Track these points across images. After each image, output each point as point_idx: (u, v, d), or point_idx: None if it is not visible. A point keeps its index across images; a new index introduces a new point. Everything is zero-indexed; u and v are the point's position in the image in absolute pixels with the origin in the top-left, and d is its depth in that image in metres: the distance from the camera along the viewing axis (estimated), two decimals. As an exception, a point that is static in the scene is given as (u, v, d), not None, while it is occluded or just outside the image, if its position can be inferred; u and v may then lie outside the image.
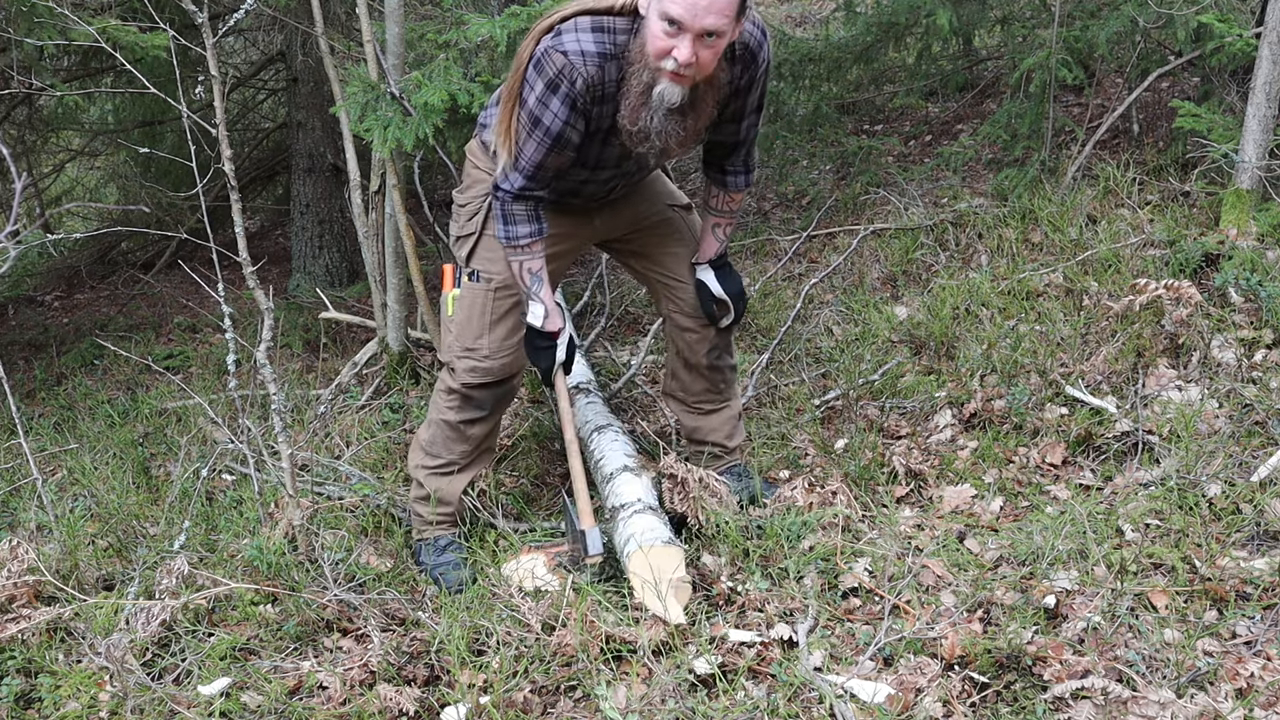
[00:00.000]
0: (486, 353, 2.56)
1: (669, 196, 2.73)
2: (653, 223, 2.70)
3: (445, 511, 2.69)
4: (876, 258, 4.24)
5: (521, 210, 2.39)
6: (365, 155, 3.77)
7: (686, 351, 2.76)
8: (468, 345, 2.57)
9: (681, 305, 2.71)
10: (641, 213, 2.69)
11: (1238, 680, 1.88)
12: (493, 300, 2.56)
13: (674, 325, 2.76)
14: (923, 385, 3.18)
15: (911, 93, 5.59)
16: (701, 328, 2.71)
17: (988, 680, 1.97)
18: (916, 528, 2.51)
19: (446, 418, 2.64)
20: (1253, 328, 2.96)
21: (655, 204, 2.70)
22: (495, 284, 2.56)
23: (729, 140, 2.48)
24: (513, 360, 2.59)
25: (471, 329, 2.57)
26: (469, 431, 2.65)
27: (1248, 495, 2.38)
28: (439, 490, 2.67)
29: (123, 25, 3.80)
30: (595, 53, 2.19)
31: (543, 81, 2.21)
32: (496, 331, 2.57)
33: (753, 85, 2.36)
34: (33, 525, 2.95)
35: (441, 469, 2.68)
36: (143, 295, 6.29)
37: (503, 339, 2.57)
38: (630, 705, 1.99)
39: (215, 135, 2.45)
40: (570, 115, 2.24)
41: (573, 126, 2.26)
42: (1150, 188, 3.92)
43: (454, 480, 2.68)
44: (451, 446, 2.66)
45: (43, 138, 6.42)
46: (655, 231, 2.70)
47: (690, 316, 2.71)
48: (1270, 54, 3.32)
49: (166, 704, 2.10)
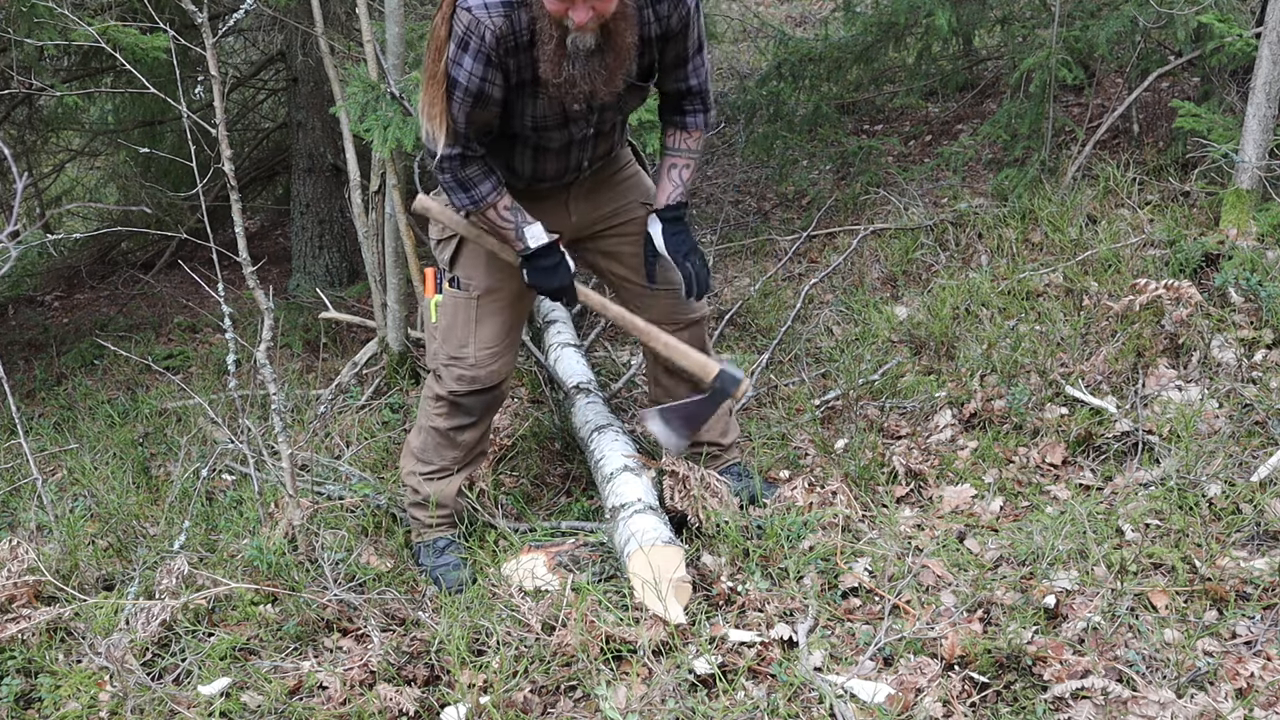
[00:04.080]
0: (473, 361, 2.53)
1: (644, 194, 2.64)
2: (625, 219, 2.62)
3: (442, 514, 2.67)
4: (876, 258, 4.24)
5: (475, 170, 2.33)
6: (365, 155, 3.77)
7: (665, 359, 2.65)
8: (453, 354, 2.54)
9: (653, 314, 2.60)
10: (616, 207, 2.62)
11: (1238, 680, 1.88)
12: (475, 308, 2.53)
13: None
14: (923, 385, 3.18)
15: (911, 93, 5.59)
16: (675, 330, 2.60)
17: (988, 680, 1.96)
18: (916, 528, 2.51)
19: (436, 425, 2.61)
20: (1253, 328, 2.96)
21: (629, 198, 2.63)
22: (476, 291, 2.52)
23: (680, 86, 2.45)
24: (500, 366, 2.56)
25: (455, 337, 2.54)
26: (459, 438, 2.63)
27: (1248, 495, 2.38)
28: (434, 494, 2.65)
29: (123, 26, 3.81)
30: (499, 2, 2.14)
31: (454, 43, 2.18)
32: (481, 337, 2.53)
33: (687, 26, 2.33)
34: (33, 525, 2.95)
35: (435, 474, 2.66)
36: (143, 295, 6.30)
37: (489, 344, 2.54)
38: (630, 705, 1.99)
39: (215, 135, 2.45)
40: (486, 71, 2.19)
41: (490, 82, 2.21)
42: (1150, 188, 3.92)
43: (449, 483, 2.66)
44: (443, 453, 2.64)
45: (43, 138, 6.43)
46: (628, 229, 2.62)
47: (665, 324, 2.60)
48: (1270, 54, 3.32)
49: (166, 704, 2.10)
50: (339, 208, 5.97)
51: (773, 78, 5.23)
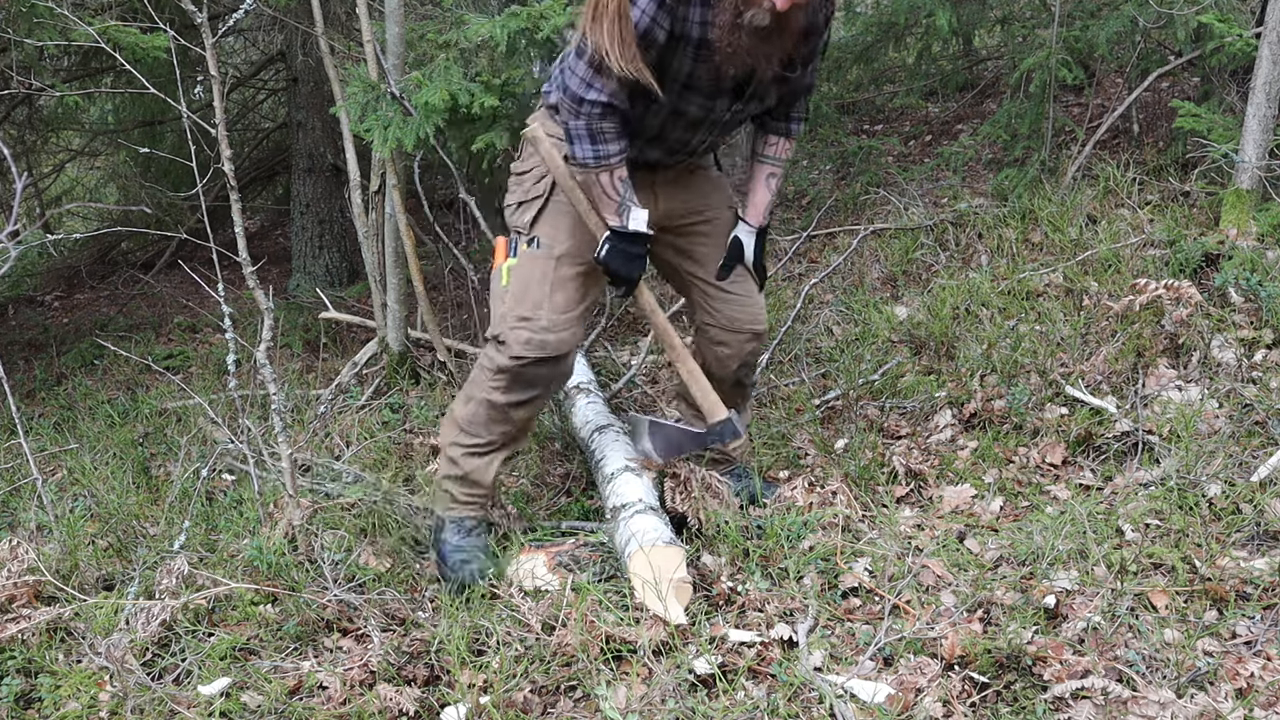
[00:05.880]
0: (545, 323, 2.39)
1: (728, 197, 2.64)
2: (709, 217, 2.58)
3: (478, 492, 2.54)
4: (876, 258, 4.24)
5: (611, 126, 2.27)
6: (365, 155, 3.77)
7: (715, 365, 2.64)
8: (523, 314, 2.39)
9: (718, 317, 2.59)
10: (703, 205, 2.58)
11: (1238, 680, 1.88)
12: (554, 268, 2.41)
13: (706, 339, 2.64)
14: (923, 385, 3.18)
15: (911, 93, 5.59)
16: (737, 343, 2.60)
17: (988, 680, 1.96)
18: (916, 528, 2.51)
19: (492, 398, 2.46)
20: (1253, 328, 2.96)
21: (717, 197, 2.60)
22: (558, 252, 2.42)
23: (798, 86, 2.44)
24: (570, 335, 2.42)
25: (530, 297, 2.40)
26: (515, 414, 2.48)
27: (1248, 495, 2.38)
28: (473, 471, 2.52)
29: (123, 26, 3.81)
30: None
31: None
32: (556, 300, 2.40)
33: (828, 24, 2.35)
34: (33, 525, 2.95)
35: (478, 449, 2.52)
36: (143, 295, 6.30)
37: (562, 309, 2.41)
38: (630, 705, 1.99)
39: (215, 135, 2.45)
40: (657, 11, 2.15)
41: (659, 25, 2.17)
42: (1150, 188, 3.92)
43: (491, 460, 2.53)
44: (492, 428, 2.49)
45: (43, 138, 6.43)
46: (710, 228, 2.58)
47: (727, 330, 2.59)
48: (1270, 54, 3.32)
49: (166, 704, 2.10)
50: (339, 208, 5.97)
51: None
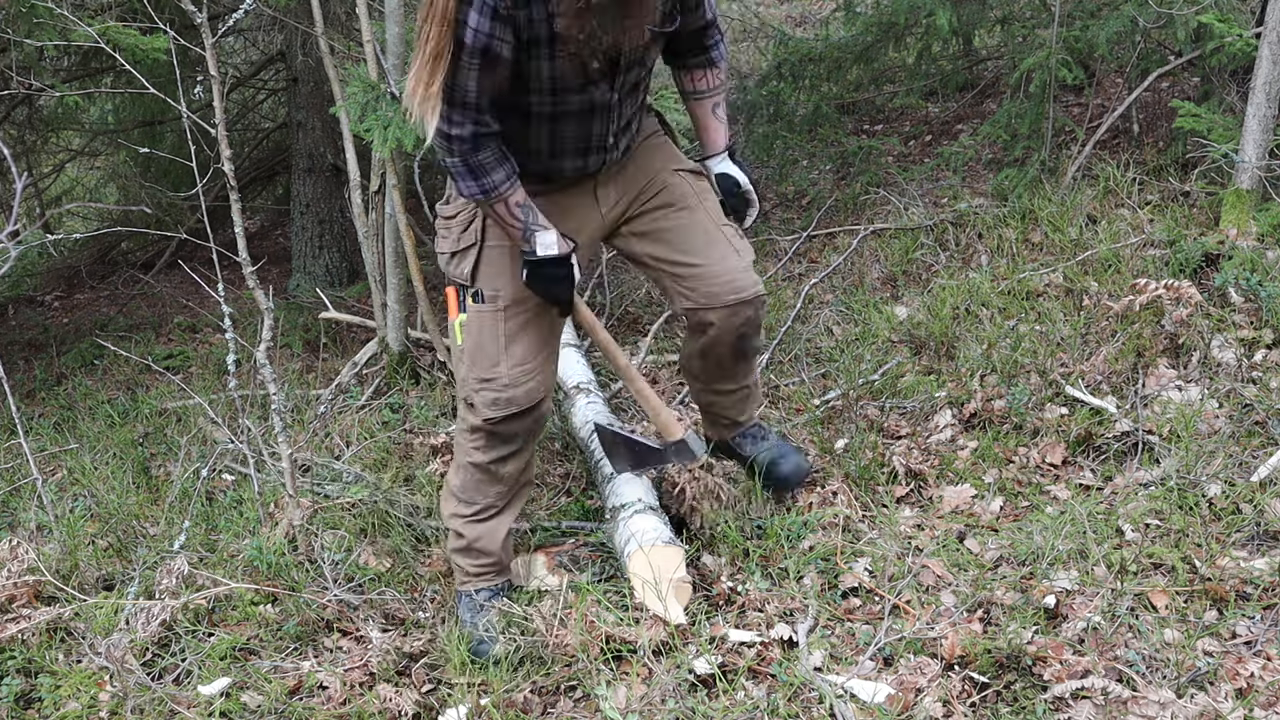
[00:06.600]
0: (507, 380, 2.27)
1: (675, 161, 2.45)
2: (659, 190, 2.41)
3: (487, 561, 2.41)
4: (876, 258, 4.24)
5: (488, 157, 2.12)
6: (365, 155, 3.77)
7: (708, 345, 2.46)
8: (483, 376, 2.29)
9: (694, 297, 2.38)
10: (648, 180, 2.41)
11: (1238, 680, 1.88)
12: (504, 321, 2.29)
13: (693, 321, 2.43)
14: (923, 385, 3.18)
15: (911, 93, 5.59)
16: (723, 319, 2.38)
17: (988, 680, 1.97)
18: (916, 528, 2.51)
19: (474, 459, 2.36)
20: (1253, 328, 2.96)
21: (659, 166, 2.43)
22: (504, 302, 2.29)
23: (701, 22, 2.31)
24: (536, 384, 2.31)
25: (486, 356, 2.29)
26: (501, 471, 2.37)
27: (1248, 495, 2.38)
28: (479, 539, 2.39)
29: (122, 26, 3.81)
30: None
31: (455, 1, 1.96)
32: (514, 353, 2.29)
33: None
34: (33, 525, 2.96)
35: (479, 515, 2.40)
36: (143, 295, 6.30)
37: (521, 361, 2.29)
38: (630, 705, 1.99)
39: (215, 135, 2.46)
40: (494, 26, 1.97)
41: (500, 39, 1.99)
42: (1150, 188, 3.92)
43: (496, 524, 2.41)
44: (485, 490, 2.38)
45: (43, 138, 6.43)
46: (662, 198, 2.41)
47: (708, 309, 2.38)
48: (1270, 54, 3.32)
49: (166, 704, 2.10)
50: (339, 208, 5.97)
51: (773, 78, 5.23)
